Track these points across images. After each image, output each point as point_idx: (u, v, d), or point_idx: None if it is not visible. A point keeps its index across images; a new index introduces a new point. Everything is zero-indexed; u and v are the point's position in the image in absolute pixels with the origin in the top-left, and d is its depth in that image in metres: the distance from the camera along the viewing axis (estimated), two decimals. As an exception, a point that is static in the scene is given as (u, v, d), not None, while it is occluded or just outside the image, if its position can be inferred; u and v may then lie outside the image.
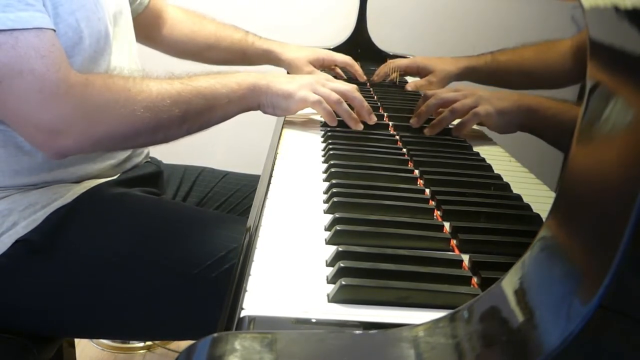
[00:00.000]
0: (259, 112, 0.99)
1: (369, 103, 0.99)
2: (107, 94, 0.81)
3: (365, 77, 1.35)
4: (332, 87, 0.97)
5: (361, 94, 0.99)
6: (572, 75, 0.61)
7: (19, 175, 0.89)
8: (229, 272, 0.81)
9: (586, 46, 0.40)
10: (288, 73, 1.32)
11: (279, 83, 0.95)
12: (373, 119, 0.98)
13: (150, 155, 1.15)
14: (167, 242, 0.88)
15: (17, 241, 0.86)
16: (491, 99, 0.90)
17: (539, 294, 0.37)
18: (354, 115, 0.97)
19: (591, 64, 0.39)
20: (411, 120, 1.00)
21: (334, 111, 0.96)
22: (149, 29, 1.23)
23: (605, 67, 0.39)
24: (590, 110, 0.38)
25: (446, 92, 0.99)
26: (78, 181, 0.95)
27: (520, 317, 0.37)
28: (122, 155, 1.02)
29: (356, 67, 1.37)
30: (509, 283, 0.39)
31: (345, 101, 0.96)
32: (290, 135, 0.95)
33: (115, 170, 1.02)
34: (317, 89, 0.95)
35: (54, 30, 0.81)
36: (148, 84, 0.85)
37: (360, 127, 0.97)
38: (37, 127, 0.79)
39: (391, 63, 1.36)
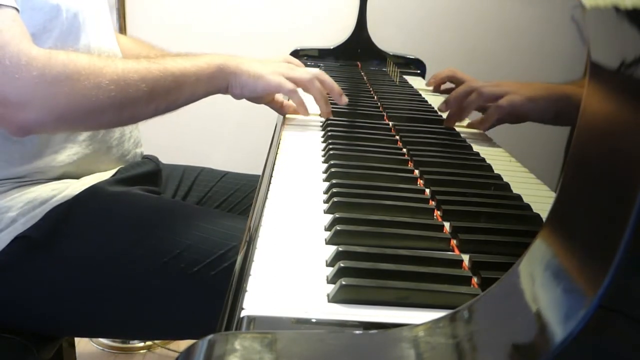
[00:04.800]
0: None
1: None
2: (71, 66, 0.79)
3: None
4: (304, 69, 0.99)
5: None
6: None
7: (11, 165, 0.89)
8: (229, 270, 0.81)
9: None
10: None
11: (248, 64, 0.95)
12: (344, 100, 1.01)
13: (147, 153, 1.15)
14: (166, 240, 0.88)
15: (16, 238, 0.86)
16: (520, 88, 0.89)
17: (539, 294, 0.37)
18: (325, 95, 0.98)
19: (591, 64, 0.39)
20: (439, 106, 1.02)
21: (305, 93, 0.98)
22: None
23: (605, 67, 0.39)
24: (590, 110, 0.38)
25: (475, 82, 0.99)
26: (73, 170, 0.95)
27: (520, 317, 0.37)
28: (111, 138, 1.02)
29: None
30: (508, 283, 0.39)
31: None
32: (290, 135, 0.95)
33: (109, 159, 1.01)
34: (288, 72, 0.96)
35: (17, 10, 0.81)
36: (114, 60, 0.85)
37: (329, 110, 0.99)
38: None
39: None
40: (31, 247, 0.87)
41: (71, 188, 0.91)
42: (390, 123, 1.03)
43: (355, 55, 1.68)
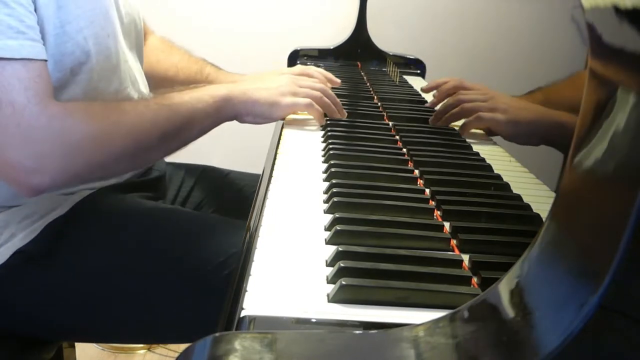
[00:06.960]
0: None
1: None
2: (85, 125, 0.78)
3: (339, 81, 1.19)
4: (309, 84, 0.99)
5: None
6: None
7: (16, 198, 0.87)
8: (229, 278, 0.80)
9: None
10: None
11: (256, 90, 0.94)
12: (344, 115, 1.02)
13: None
14: (165, 249, 0.87)
15: (15, 252, 0.85)
16: (510, 107, 0.88)
17: (539, 294, 0.37)
18: (321, 115, 0.98)
19: (591, 64, 0.39)
20: (430, 120, 1.02)
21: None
22: None
23: (605, 68, 0.39)
24: (590, 110, 0.38)
25: (466, 95, 0.99)
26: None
27: (520, 317, 0.37)
28: (125, 174, 1.02)
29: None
30: (508, 283, 0.39)
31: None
32: (290, 135, 0.95)
33: (114, 180, 1.01)
34: (297, 91, 0.96)
35: (45, 60, 0.78)
36: (125, 108, 0.84)
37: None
38: (12, 163, 0.74)
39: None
40: (31, 262, 0.85)
41: (69, 200, 0.90)
42: (390, 123, 1.03)
43: (355, 55, 1.68)
